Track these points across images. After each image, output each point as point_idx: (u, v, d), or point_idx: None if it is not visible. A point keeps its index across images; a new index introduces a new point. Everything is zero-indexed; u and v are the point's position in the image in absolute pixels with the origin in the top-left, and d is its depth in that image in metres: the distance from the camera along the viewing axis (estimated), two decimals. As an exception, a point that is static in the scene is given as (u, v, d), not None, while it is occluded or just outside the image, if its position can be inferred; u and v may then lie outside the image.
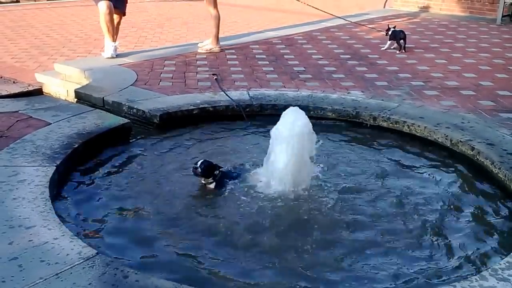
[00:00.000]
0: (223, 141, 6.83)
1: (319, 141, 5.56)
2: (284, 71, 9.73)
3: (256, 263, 4.43)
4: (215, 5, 11.18)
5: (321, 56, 10.93)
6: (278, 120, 5.50)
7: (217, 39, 11.26)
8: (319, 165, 5.86)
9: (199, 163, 5.46)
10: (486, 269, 4.02)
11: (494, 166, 5.73)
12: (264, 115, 7.39)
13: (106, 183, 5.72)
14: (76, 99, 8.17)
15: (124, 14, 10.74)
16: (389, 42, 11.57)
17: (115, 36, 10.42)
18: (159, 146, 6.66)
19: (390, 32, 11.51)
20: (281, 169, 5.41)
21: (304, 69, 9.90)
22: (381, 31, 12.38)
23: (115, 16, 10.37)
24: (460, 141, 6.33)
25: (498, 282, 3.77)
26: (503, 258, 4.16)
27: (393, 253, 4.57)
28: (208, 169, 5.50)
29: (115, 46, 10.34)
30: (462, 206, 5.36)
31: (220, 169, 5.62)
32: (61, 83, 9.18)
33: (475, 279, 3.83)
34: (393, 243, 4.72)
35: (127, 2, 10.77)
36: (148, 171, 6.01)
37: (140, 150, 6.55)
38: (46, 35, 13.65)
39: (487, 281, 3.79)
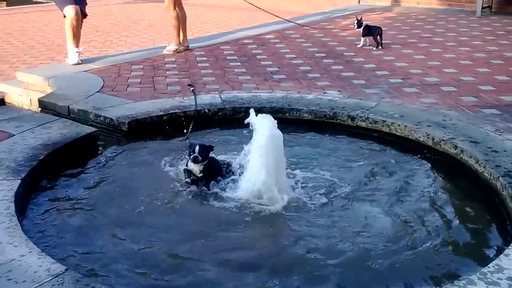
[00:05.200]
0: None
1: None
2: (257, 72, 9.74)
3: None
4: (175, 7, 11.20)
5: (294, 55, 10.95)
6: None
7: (179, 38, 11.35)
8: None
9: (196, 149, 5.54)
10: (474, 273, 4.01)
11: (479, 164, 5.75)
12: (238, 119, 7.35)
13: (74, 196, 5.68)
14: (40, 108, 8.09)
15: (85, 16, 10.68)
16: (362, 38, 11.62)
17: (78, 42, 10.37)
18: (128, 155, 6.63)
19: (362, 26, 11.58)
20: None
21: (277, 69, 9.91)
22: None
23: (77, 19, 10.33)
24: (443, 139, 6.35)
25: (487, 286, 3.77)
26: (492, 261, 4.15)
27: (376, 257, 4.58)
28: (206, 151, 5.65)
29: (78, 51, 10.29)
30: (446, 207, 5.38)
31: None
32: (24, 92, 9.11)
33: (463, 283, 3.82)
34: (376, 247, 4.73)
35: (86, 4, 10.73)
36: (118, 182, 5.98)
37: (108, 160, 6.51)
38: (6, 42, 13.59)
39: (475, 285, 3.79)
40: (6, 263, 4.07)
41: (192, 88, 8.44)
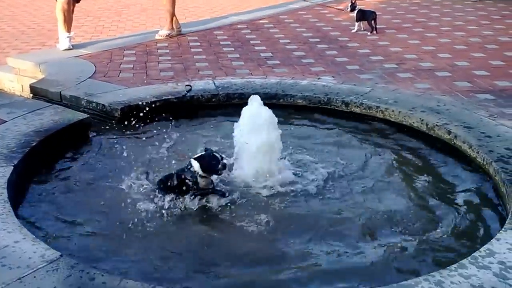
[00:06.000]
0: (189, 134, 6.85)
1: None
2: (250, 57, 9.78)
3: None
4: None
5: (289, 41, 10.99)
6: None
7: (172, 23, 11.41)
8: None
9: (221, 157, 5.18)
10: (465, 257, 4.06)
11: (472, 150, 5.81)
12: (231, 105, 7.39)
13: (67, 182, 5.74)
14: (31, 95, 8.13)
15: (78, 1, 10.68)
16: (357, 23, 11.64)
17: (70, 27, 10.38)
18: (121, 142, 6.64)
19: (356, 10, 11.60)
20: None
21: (271, 54, 9.96)
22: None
23: (68, 4, 10.34)
24: (436, 125, 6.40)
25: (478, 270, 3.82)
26: (483, 245, 4.20)
27: (368, 243, 4.66)
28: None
29: (70, 37, 10.31)
30: (438, 192, 5.45)
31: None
32: (15, 78, 9.15)
33: (454, 267, 3.88)
34: (367, 233, 4.81)
35: None
36: (110, 168, 6.02)
37: (100, 147, 6.57)
38: (-4, 27, 13.60)
39: (467, 269, 3.84)
40: (0, 249, 4.11)
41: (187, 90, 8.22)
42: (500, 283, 3.68)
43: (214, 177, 5.32)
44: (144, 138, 6.72)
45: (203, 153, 5.23)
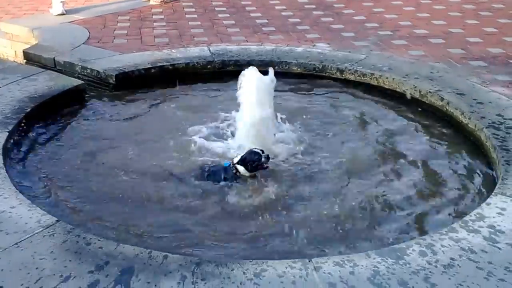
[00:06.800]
0: (184, 101, 6.87)
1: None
2: (246, 24, 9.78)
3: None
4: None
5: (284, 7, 10.99)
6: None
7: None
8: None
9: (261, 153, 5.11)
10: (456, 221, 4.14)
11: (464, 116, 5.87)
12: (227, 72, 7.42)
13: (62, 148, 5.76)
14: (25, 60, 8.13)
15: None
16: (352, -10, 11.67)
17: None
18: (116, 108, 6.70)
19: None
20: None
21: (267, 21, 9.96)
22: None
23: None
24: (429, 91, 6.45)
25: (468, 234, 3.89)
26: (473, 210, 4.27)
27: (361, 207, 4.72)
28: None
29: (63, 1, 10.29)
30: (431, 158, 5.51)
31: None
32: (8, 43, 9.14)
33: (445, 231, 3.94)
34: (362, 197, 4.86)
35: None
36: (105, 134, 6.07)
37: (95, 113, 6.58)
38: (-11, -8, 13.52)
39: (457, 233, 3.91)
40: (-4, 214, 4.16)
41: None
42: (489, 246, 3.75)
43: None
44: (139, 104, 6.75)
45: (244, 154, 5.16)
